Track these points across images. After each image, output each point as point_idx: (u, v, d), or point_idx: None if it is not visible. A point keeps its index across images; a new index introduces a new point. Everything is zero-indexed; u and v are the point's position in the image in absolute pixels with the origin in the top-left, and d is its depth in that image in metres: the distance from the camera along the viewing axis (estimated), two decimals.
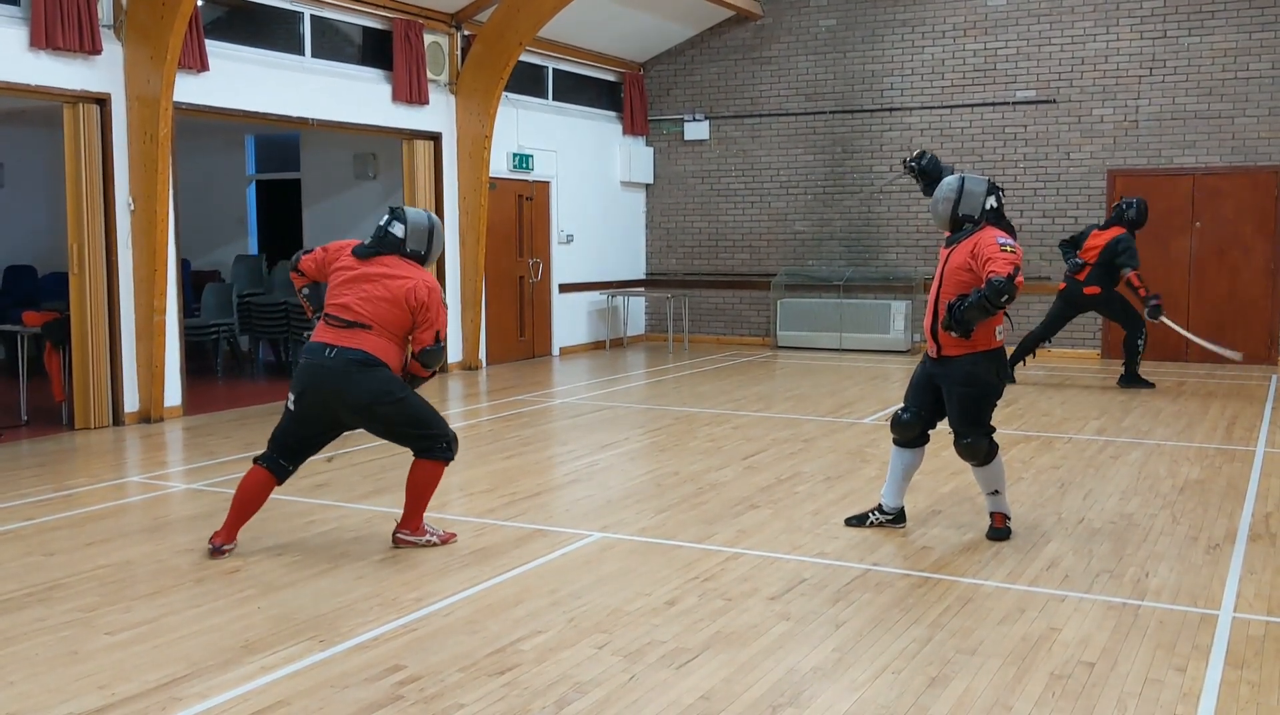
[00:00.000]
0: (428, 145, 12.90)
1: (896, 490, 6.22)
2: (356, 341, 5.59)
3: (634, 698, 4.00)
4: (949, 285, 5.82)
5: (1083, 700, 3.98)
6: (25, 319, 9.98)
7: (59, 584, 5.31)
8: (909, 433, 6.07)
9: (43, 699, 4.01)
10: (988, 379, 5.87)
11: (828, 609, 4.94)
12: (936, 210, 5.97)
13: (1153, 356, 13.97)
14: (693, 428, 9.49)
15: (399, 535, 5.91)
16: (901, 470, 6.17)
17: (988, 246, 5.68)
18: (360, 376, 5.57)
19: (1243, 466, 7.87)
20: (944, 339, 5.85)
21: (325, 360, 5.59)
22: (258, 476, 5.75)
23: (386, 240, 5.75)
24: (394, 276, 5.65)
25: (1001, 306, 5.58)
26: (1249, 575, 5.41)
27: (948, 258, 5.88)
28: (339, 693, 4.05)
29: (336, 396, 5.59)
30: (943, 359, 5.90)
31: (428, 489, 5.85)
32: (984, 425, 5.90)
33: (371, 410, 5.63)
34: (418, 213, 5.86)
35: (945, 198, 5.92)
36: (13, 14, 8.82)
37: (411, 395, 5.76)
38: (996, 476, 6.03)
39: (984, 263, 5.64)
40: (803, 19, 15.59)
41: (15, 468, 7.99)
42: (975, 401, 5.86)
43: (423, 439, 5.78)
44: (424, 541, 5.90)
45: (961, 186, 5.88)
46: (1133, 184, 14.01)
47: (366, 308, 5.61)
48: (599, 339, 16.13)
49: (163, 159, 9.49)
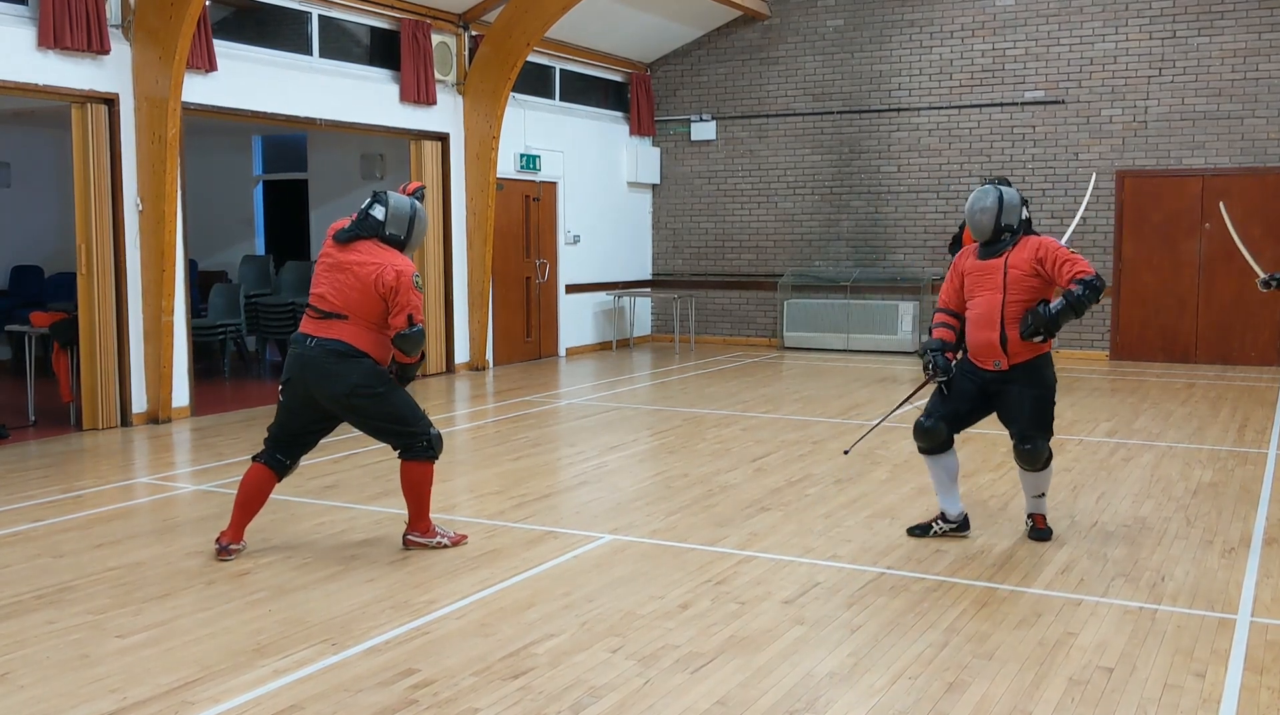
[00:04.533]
0: (435, 146, 12.88)
1: (951, 496, 6.08)
2: (334, 332, 5.57)
3: (649, 703, 3.97)
4: (1016, 293, 5.74)
5: (1102, 706, 3.95)
6: (33, 319, 9.96)
7: (69, 586, 5.29)
8: (936, 438, 5.94)
9: (55, 703, 3.99)
10: (1054, 380, 5.93)
11: (842, 613, 4.91)
12: (977, 221, 5.86)
13: (1162, 359, 13.95)
14: (701, 429, 9.46)
15: (409, 537, 5.89)
16: (945, 474, 6.04)
17: (1057, 250, 5.70)
18: (339, 367, 5.54)
19: (1255, 469, 7.83)
20: (1014, 349, 5.76)
21: (306, 350, 5.59)
22: (258, 473, 5.74)
23: (366, 223, 5.67)
24: (365, 263, 5.56)
25: (1095, 302, 5.65)
26: (1265, 579, 5.37)
27: (1004, 268, 5.77)
28: (352, 697, 4.02)
29: (317, 387, 5.58)
30: (1012, 368, 5.81)
31: (423, 489, 5.81)
32: (1051, 429, 5.91)
33: (350, 402, 5.59)
34: (400, 197, 5.78)
35: (985, 208, 5.84)
36: (21, 14, 8.80)
37: (394, 391, 5.70)
38: (1047, 480, 6.01)
39: (1060, 265, 5.65)
40: (810, 19, 15.56)
41: (23, 469, 7.97)
42: (1048, 403, 5.88)
43: (401, 436, 5.72)
44: (434, 543, 5.87)
45: (1001, 198, 5.83)
46: (1141, 185, 13.98)
47: (340, 297, 5.57)
48: (605, 340, 16.11)
49: (171, 159, 9.47)
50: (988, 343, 5.80)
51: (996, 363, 5.83)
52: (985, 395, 5.93)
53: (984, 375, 5.89)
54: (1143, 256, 14.06)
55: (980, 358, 5.88)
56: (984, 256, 5.89)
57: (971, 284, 5.93)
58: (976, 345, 5.88)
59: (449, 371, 13.20)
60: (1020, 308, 5.75)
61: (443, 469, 8.07)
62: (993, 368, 5.85)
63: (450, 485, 7.53)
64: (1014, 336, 5.75)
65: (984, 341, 5.82)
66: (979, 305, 5.86)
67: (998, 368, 5.83)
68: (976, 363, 5.92)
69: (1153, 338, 14.09)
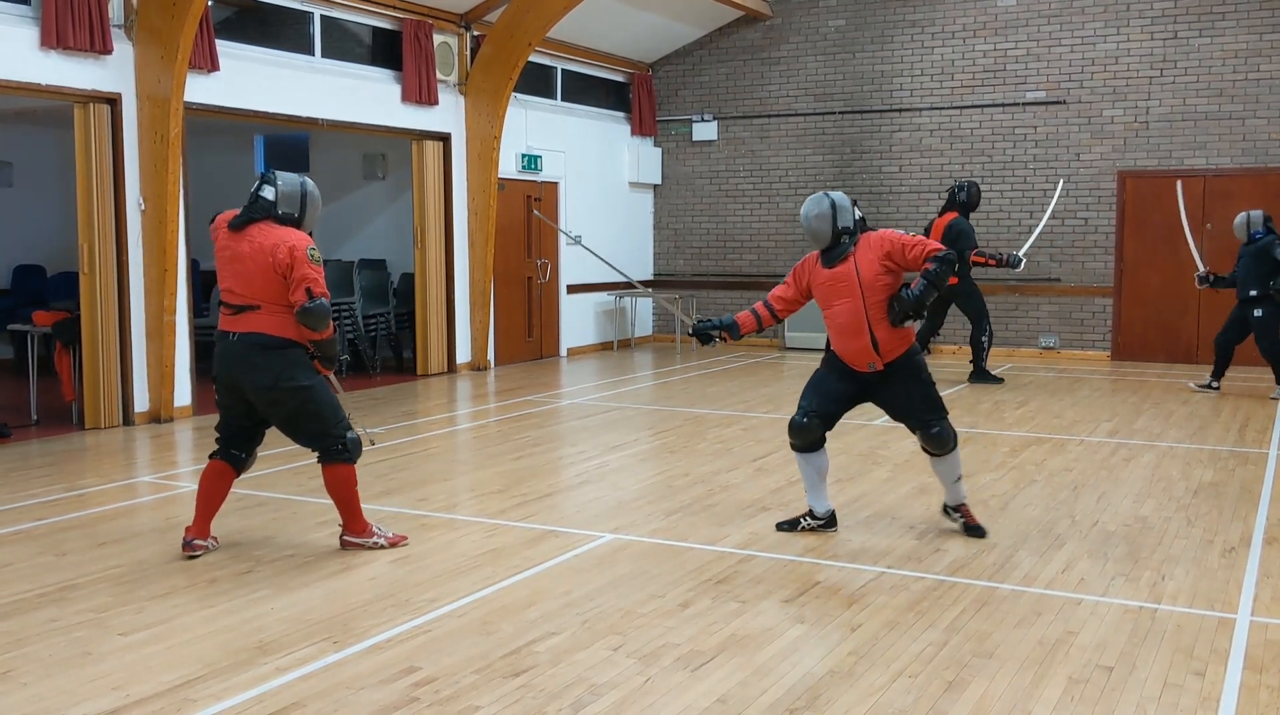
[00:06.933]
0: (437, 146, 12.90)
1: (819, 495, 6.19)
2: (251, 324, 5.49)
3: (649, 701, 3.98)
4: (874, 295, 5.84)
5: (1102, 705, 3.95)
6: (35, 319, 9.98)
7: (71, 584, 5.30)
8: (812, 436, 6.05)
9: (57, 700, 4.00)
10: (925, 363, 6.08)
11: (842, 612, 4.92)
12: (814, 228, 5.92)
13: (1162, 359, 13.95)
14: (702, 429, 9.47)
15: (344, 539, 5.81)
16: (815, 473, 6.14)
17: (900, 239, 5.84)
18: (262, 359, 5.46)
19: (1256, 469, 7.83)
20: (886, 347, 5.87)
21: (229, 346, 5.53)
22: (214, 468, 5.74)
23: (257, 205, 5.58)
24: (259, 248, 5.46)
25: (953, 273, 5.86)
26: (1265, 579, 5.38)
27: (855, 273, 5.84)
28: (354, 694, 4.04)
29: (243, 380, 5.52)
30: (886, 367, 5.92)
31: (348, 491, 5.70)
32: (943, 407, 6.01)
33: (272, 394, 5.50)
34: (289, 175, 5.68)
35: (821, 214, 5.90)
36: (23, 13, 8.82)
37: (318, 387, 5.60)
38: (958, 462, 6.11)
39: (909, 250, 5.78)
40: (812, 19, 15.57)
41: (26, 467, 7.98)
42: (931, 386, 6.01)
43: (318, 437, 5.63)
44: (370, 543, 5.79)
45: (833, 203, 5.91)
46: (1143, 185, 13.99)
47: (247, 288, 5.49)
48: (607, 340, 16.12)
49: (173, 159, 9.49)
50: (860, 348, 5.90)
51: (871, 365, 5.93)
52: (861, 390, 6.05)
53: (859, 375, 6.01)
54: (1144, 257, 14.07)
55: (853, 362, 5.98)
56: (829, 263, 5.95)
57: (825, 294, 5.99)
58: (848, 353, 5.96)
59: (450, 371, 13.21)
60: (881, 308, 5.84)
61: (444, 468, 8.11)
62: (868, 370, 5.96)
63: (452, 484, 7.55)
64: (883, 336, 5.85)
65: (856, 348, 5.92)
66: (840, 314, 5.93)
67: (873, 369, 5.94)
68: (849, 365, 6.01)
69: (1154, 338, 14.09)
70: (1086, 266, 14.35)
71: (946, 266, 5.74)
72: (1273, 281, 10.77)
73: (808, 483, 6.19)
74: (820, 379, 6.13)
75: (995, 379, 12.08)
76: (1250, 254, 11.03)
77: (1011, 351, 14.65)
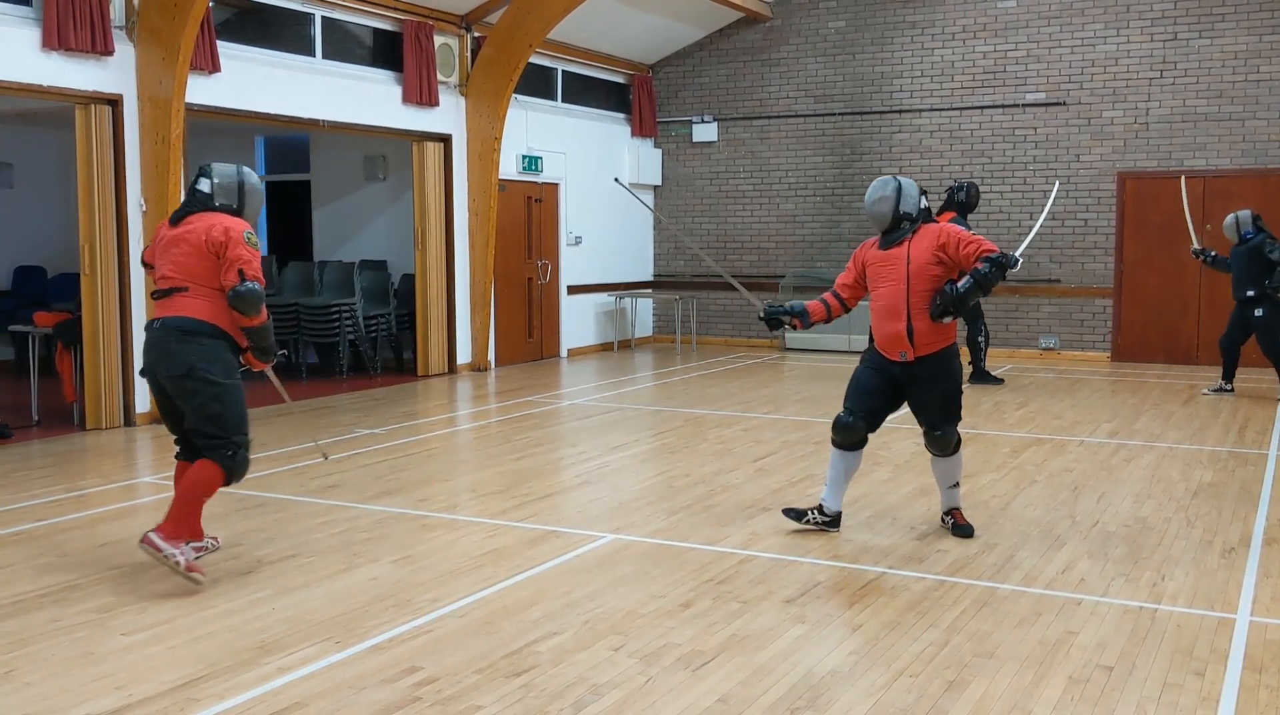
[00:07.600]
0: (437, 147, 12.91)
1: (838, 493, 6.20)
2: (176, 308, 5.28)
3: (650, 701, 3.99)
4: (919, 284, 5.83)
5: (1102, 704, 3.96)
6: (36, 319, 10.00)
7: (73, 585, 5.31)
8: (855, 436, 6.04)
9: (60, 700, 4.01)
10: (959, 370, 6.04)
11: (843, 612, 4.93)
12: (877, 211, 5.95)
13: (1162, 360, 13.96)
14: (702, 430, 9.48)
15: (149, 534, 5.18)
16: (844, 473, 6.15)
17: (958, 234, 5.80)
18: (178, 347, 5.22)
19: (1256, 470, 7.84)
20: (921, 340, 5.85)
21: (152, 333, 5.35)
22: (183, 470, 5.51)
23: (195, 198, 5.44)
24: (193, 230, 5.30)
25: (1002, 278, 5.73)
26: (1265, 579, 5.39)
27: (907, 259, 5.84)
28: (356, 694, 4.05)
29: (160, 368, 5.29)
30: (918, 360, 5.91)
31: (198, 490, 5.28)
32: (959, 416, 6.03)
33: (184, 384, 5.22)
34: (225, 167, 5.51)
35: (885, 196, 5.92)
36: (25, 15, 8.83)
37: (232, 389, 5.30)
38: (958, 467, 6.13)
39: (964, 246, 5.74)
40: (812, 21, 15.58)
41: (27, 468, 7.99)
42: (956, 394, 6.00)
43: (212, 437, 5.26)
44: (168, 555, 5.13)
45: (900, 187, 5.92)
46: (1143, 186, 14.00)
47: (178, 270, 5.29)
48: (607, 340, 16.13)
49: (174, 160, 9.50)
50: (895, 334, 5.90)
51: (903, 353, 5.91)
52: (895, 387, 6.03)
53: (891, 367, 5.98)
54: (1144, 258, 14.08)
55: (887, 349, 5.97)
56: (885, 246, 5.97)
57: (874, 275, 6.00)
58: (883, 336, 5.97)
59: (451, 372, 13.22)
60: (924, 298, 5.83)
61: (445, 469, 8.12)
62: (899, 358, 5.93)
63: (453, 485, 7.56)
64: (920, 327, 5.83)
65: (891, 333, 5.92)
66: (883, 296, 5.95)
67: (904, 358, 5.92)
68: (883, 353, 6.01)
69: (1154, 339, 14.10)
70: (1086, 268, 14.36)
71: (998, 269, 5.66)
72: (1268, 280, 10.78)
73: (832, 477, 6.18)
74: (857, 377, 6.14)
75: (995, 380, 12.09)
76: (1243, 254, 11.03)
77: (1012, 352, 14.66)
